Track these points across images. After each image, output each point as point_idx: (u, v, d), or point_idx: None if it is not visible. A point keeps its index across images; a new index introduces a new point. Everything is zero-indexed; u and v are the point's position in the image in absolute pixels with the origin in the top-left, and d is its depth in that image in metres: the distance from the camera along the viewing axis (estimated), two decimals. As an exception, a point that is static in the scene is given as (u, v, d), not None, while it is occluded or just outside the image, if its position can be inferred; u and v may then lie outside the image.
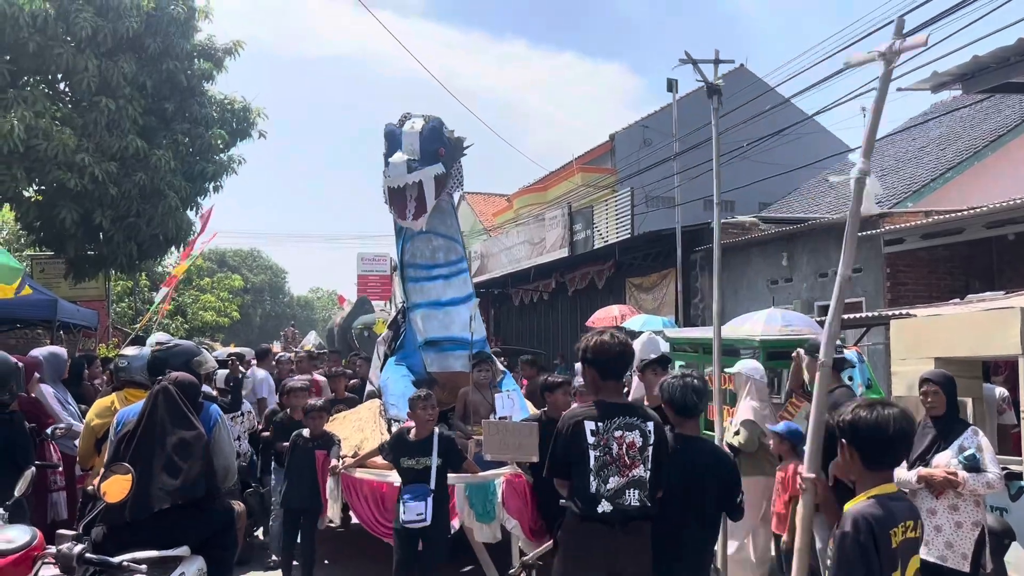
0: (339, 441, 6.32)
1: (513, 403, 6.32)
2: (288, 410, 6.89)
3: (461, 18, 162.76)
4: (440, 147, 7.30)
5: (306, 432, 6.21)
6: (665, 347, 10.77)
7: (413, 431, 5.42)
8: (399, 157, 7.08)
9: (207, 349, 7.65)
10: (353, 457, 6.23)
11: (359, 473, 6.13)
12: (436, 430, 5.38)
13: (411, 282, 7.60)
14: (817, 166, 18.57)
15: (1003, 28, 6.89)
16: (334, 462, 6.14)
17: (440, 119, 7.43)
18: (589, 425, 3.62)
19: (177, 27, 11.72)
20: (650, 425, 3.70)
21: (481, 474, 5.89)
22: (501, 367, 8.21)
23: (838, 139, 23.28)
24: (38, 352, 6.61)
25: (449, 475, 5.50)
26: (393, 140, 7.34)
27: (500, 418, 6.08)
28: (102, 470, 3.78)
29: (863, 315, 9.93)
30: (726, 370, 7.25)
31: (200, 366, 4.77)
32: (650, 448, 3.67)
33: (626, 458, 3.61)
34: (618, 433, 3.63)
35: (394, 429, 6.27)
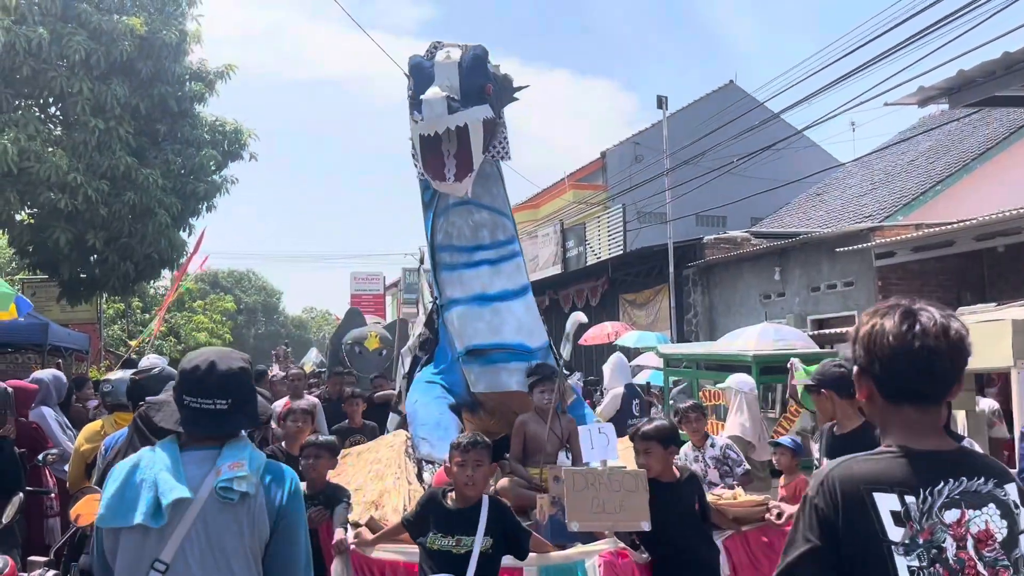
0: (348, 498, 4.36)
1: (607, 441, 4.31)
2: (284, 442, 5.20)
3: (454, 37, 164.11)
4: (486, 83, 5.43)
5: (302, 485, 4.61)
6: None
7: (454, 492, 3.52)
8: (435, 92, 5.15)
9: None
10: (370, 527, 4.05)
11: (380, 552, 3.93)
12: (486, 495, 3.55)
13: (446, 270, 5.72)
14: (807, 181, 18.66)
15: (988, 42, 6.98)
16: (340, 533, 3.99)
17: (484, 47, 5.56)
18: (887, 501, 1.63)
19: (169, 51, 11.78)
20: (1012, 491, 1.68)
21: (564, 552, 3.92)
22: (573, 386, 6.36)
23: (828, 153, 23.41)
24: (43, 375, 6.58)
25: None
26: (422, 75, 5.43)
27: (583, 465, 4.42)
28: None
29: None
30: (717, 386, 7.23)
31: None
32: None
33: (977, 568, 1.63)
34: (951, 515, 1.64)
35: (427, 476, 4.77)
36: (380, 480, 4.96)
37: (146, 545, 2.12)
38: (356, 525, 4.13)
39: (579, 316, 5.99)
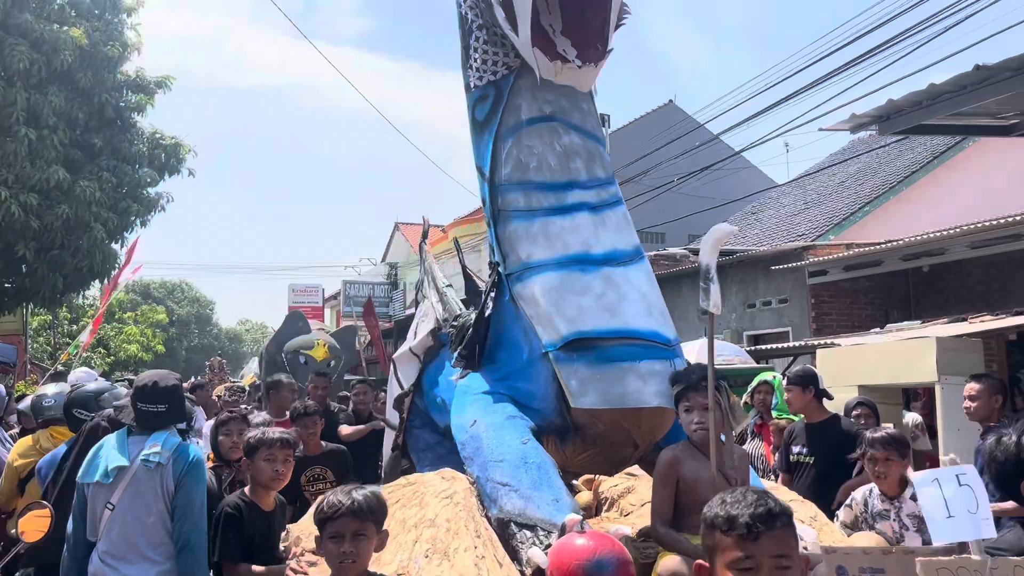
0: None
1: (975, 500, 2.58)
2: (245, 487, 3.70)
3: (396, 49, 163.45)
4: None
5: None
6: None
7: None
8: None
9: (126, 385, 7.22)
10: None
11: None
12: None
13: (520, 218, 3.71)
14: (744, 200, 19.19)
15: (916, 71, 7.38)
16: None
17: None
18: None
19: (109, 63, 11.68)
20: None
21: None
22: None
23: (764, 174, 24.11)
24: None
25: None
26: None
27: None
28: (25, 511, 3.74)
29: (790, 344, 10.27)
30: None
31: (118, 399, 4.67)
32: None
33: None
34: None
35: (532, 553, 2.80)
36: (445, 559, 2.79)
37: (102, 493, 3.45)
38: None
39: (724, 227, 3.21)
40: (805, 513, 3.47)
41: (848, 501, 3.94)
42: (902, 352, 6.68)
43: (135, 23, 12.53)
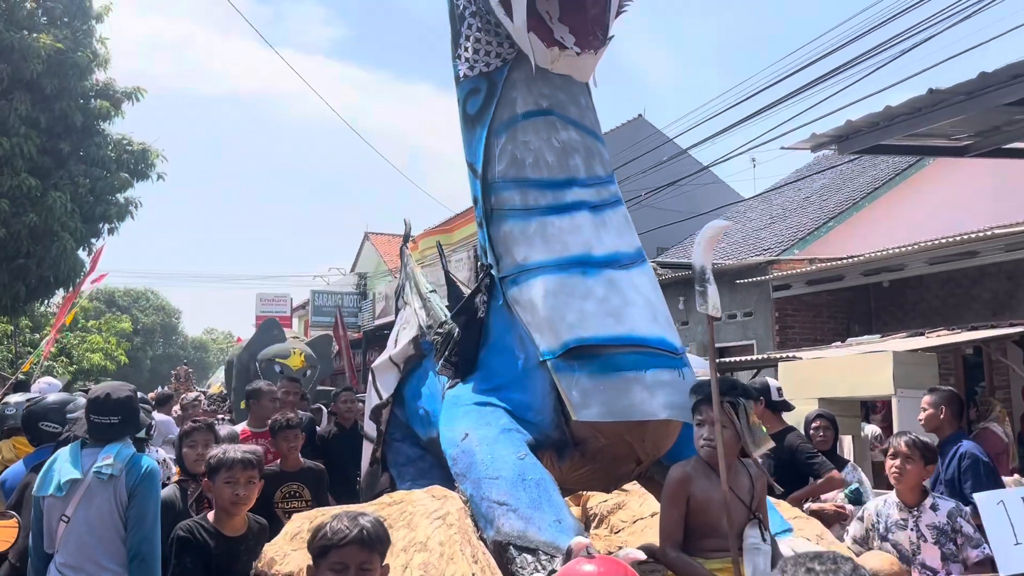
0: None
1: None
2: (207, 510, 3.49)
3: (365, 58, 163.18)
4: None
5: None
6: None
7: None
8: None
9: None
10: None
11: None
12: None
13: (515, 218, 3.48)
14: (712, 214, 19.42)
15: (874, 93, 7.61)
16: None
17: None
18: None
19: (77, 71, 11.60)
20: None
21: None
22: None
23: (731, 189, 24.45)
24: None
25: None
26: None
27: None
28: None
29: (754, 358, 10.44)
30: None
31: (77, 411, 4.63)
32: None
33: None
34: None
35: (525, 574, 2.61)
36: None
37: (57, 506, 3.48)
38: None
39: (716, 224, 3.27)
40: (811, 531, 3.32)
41: (860, 513, 3.86)
42: (860, 365, 6.85)
43: (103, 37, 12.49)
